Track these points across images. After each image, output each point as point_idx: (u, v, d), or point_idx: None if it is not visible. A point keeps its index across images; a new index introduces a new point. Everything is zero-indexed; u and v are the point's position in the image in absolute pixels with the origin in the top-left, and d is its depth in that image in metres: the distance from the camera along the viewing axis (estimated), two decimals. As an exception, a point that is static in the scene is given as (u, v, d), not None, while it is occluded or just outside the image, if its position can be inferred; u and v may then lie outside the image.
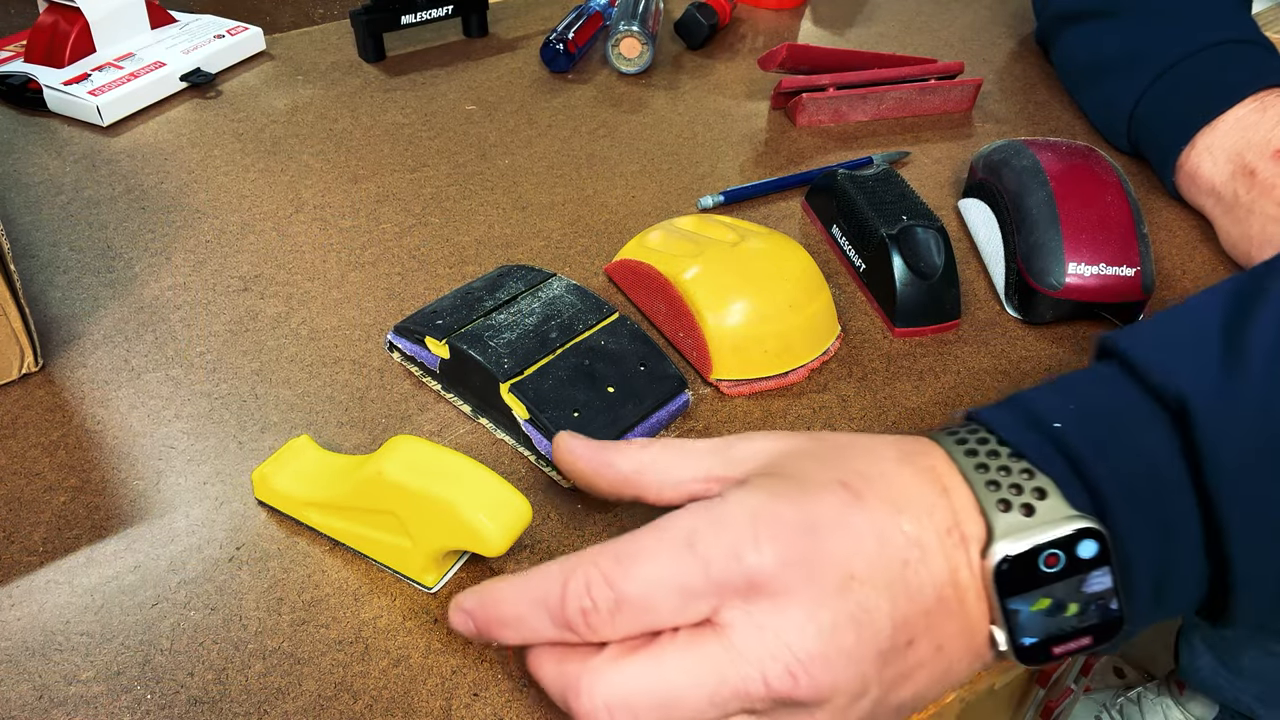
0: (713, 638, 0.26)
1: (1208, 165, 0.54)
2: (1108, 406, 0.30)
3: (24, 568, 0.35)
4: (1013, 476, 0.28)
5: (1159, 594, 0.29)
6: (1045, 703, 0.75)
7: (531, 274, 0.45)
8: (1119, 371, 0.31)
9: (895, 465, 0.29)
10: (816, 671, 0.25)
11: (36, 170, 0.57)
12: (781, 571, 0.26)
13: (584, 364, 0.40)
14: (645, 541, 0.27)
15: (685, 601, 0.26)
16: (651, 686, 0.25)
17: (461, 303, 0.43)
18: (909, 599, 0.27)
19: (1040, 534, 0.27)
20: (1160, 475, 0.29)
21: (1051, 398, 0.30)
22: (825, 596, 0.26)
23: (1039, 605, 0.28)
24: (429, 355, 0.42)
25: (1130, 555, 0.28)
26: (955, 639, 0.28)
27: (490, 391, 0.39)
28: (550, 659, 0.27)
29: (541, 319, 0.41)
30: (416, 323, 0.42)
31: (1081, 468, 0.28)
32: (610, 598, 0.26)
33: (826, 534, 0.27)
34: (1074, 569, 0.28)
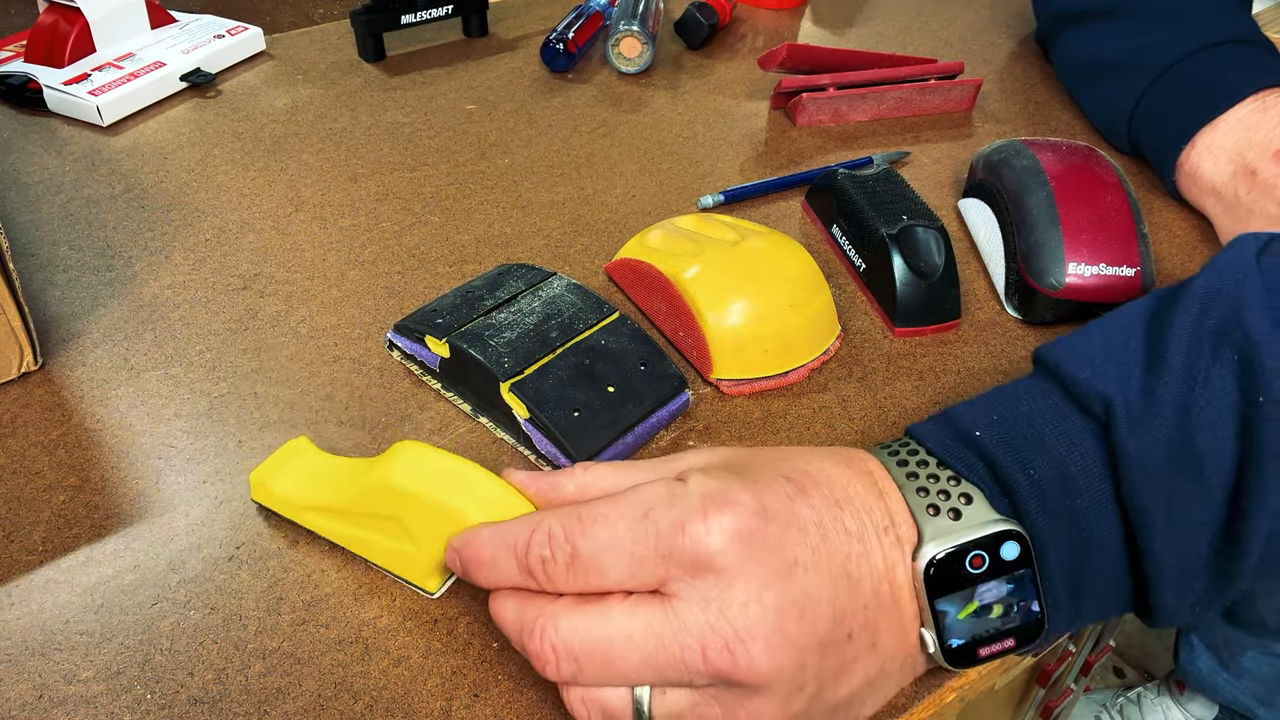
0: (657, 605, 0.27)
1: (1208, 165, 0.54)
2: (1028, 414, 0.31)
3: (24, 567, 0.35)
4: (940, 484, 0.30)
5: (1075, 595, 0.30)
6: (1045, 703, 0.75)
7: (532, 273, 0.44)
8: (1046, 380, 0.32)
9: (835, 466, 0.30)
10: (756, 652, 0.26)
11: (36, 170, 0.57)
12: (728, 550, 0.26)
13: (584, 363, 0.40)
14: (606, 507, 0.28)
15: (634, 567, 0.27)
16: (595, 638, 0.26)
17: (462, 301, 0.43)
18: (849, 591, 0.28)
19: (964, 535, 0.29)
20: (1074, 479, 0.29)
21: (977, 409, 0.32)
22: (770, 579, 0.27)
23: (967, 610, 0.29)
24: (429, 354, 0.42)
25: (1045, 556, 0.29)
26: (889, 636, 0.29)
27: (490, 390, 0.39)
28: (512, 601, 0.29)
29: (542, 318, 0.41)
30: (416, 321, 0.42)
31: (998, 473, 0.30)
32: (567, 551, 0.27)
33: (773, 520, 0.27)
34: (998, 570, 0.29)
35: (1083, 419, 0.30)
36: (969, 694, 0.33)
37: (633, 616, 0.27)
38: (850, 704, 0.29)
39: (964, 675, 0.33)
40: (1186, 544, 0.29)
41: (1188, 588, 0.29)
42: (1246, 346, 0.29)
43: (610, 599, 0.27)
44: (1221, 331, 0.30)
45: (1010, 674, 0.35)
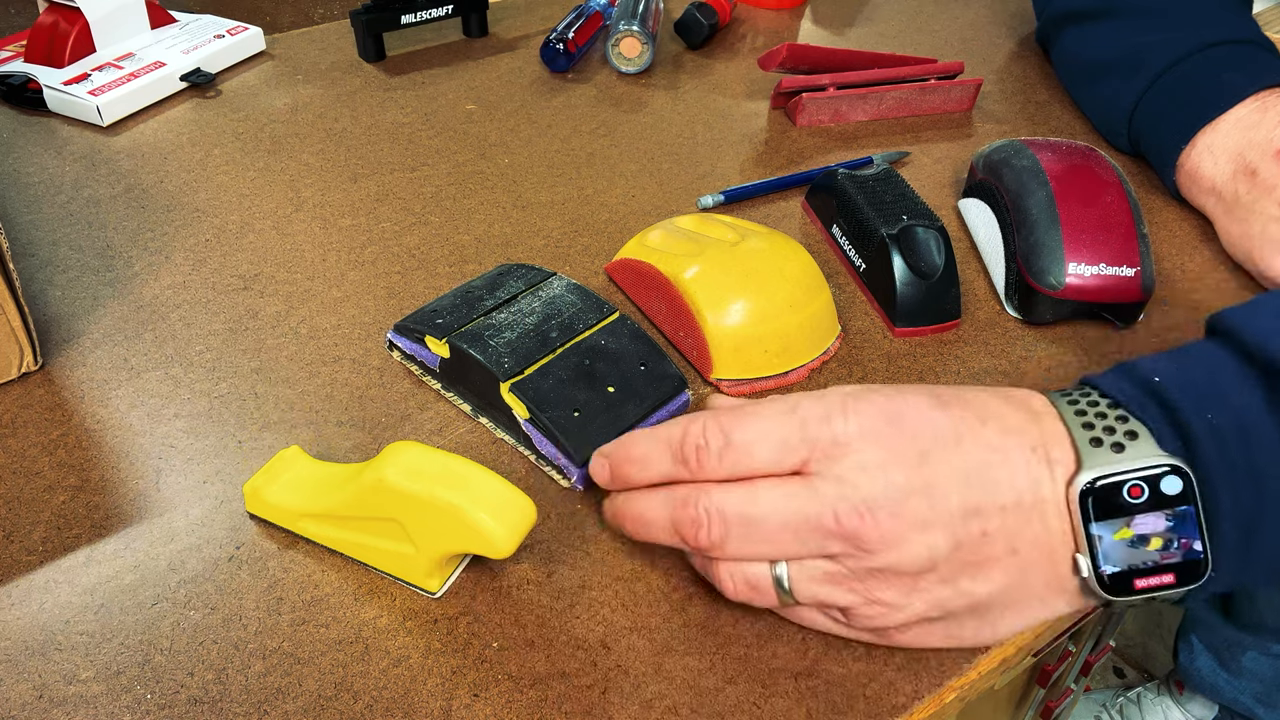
0: (799, 480, 0.30)
1: (1209, 165, 0.54)
2: (1206, 367, 0.32)
3: (24, 567, 0.35)
4: (1108, 420, 0.31)
5: (1248, 543, 0.30)
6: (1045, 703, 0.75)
7: (532, 273, 0.44)
8: (1219, 341, 0.33)
9: (992, 396, 0.32)
10: (883, 518, 0.29)
11: (36, 170, 0.57)
12: (862, 437, 0.30)
13: (584, 363, 0.40)
14: (759, 405, 0.32)
15: (780, 453, 0.30)
16: (743, 506, 0.30)
17: (462, 302, 0.43)
18: (983, 490, 0.30)
19: (1126, 465, 0.30)
20: (1252, 428, 0.30)
21: (1154, 360, 0.33)
22: (899, 463, 0.30)
23: (1121, 534, 0.30)
24: (429, 354, 0.42)
25: (1218, 498, 0.30)
26: (1031, 549, 0.30)
27: (490, 391, 0.39)
28: (663, 490, 0.32)
29: (542, 318, 0.41)
30: (416, 321, 0.42)
31: (1176, 415, 0.31)
32: (721, 440, 0.31)
33: (907, 418, 0.31)
34: (1158, 503, 0.30)
35: (1258, 375, 0.31)
36: (969, 694, 0.33)
37: (776, 489, 0.30)
38: (991, 606, 0.31)
39: (964, 675, 0.33)
40: None
41: None
42: None
43: (756, 479, 0.31)
44: None
45: (1010, 674, 0.35)
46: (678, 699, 0.31)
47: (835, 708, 0.31)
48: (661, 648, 0.33)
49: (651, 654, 0.33)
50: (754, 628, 0.34)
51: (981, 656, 0.33)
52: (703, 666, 0.32)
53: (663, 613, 0.34)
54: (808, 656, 0.33)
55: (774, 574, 0.31)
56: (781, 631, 0.34)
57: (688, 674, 0.32)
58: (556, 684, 0.32)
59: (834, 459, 0.30)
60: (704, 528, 0.30)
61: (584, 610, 0.34)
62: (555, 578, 0.35)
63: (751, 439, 0.31)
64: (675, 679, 0.32)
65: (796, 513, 0.30)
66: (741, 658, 0.33)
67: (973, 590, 0.30)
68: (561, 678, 0.32)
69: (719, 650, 0.33)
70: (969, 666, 0.33)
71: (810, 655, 0.33)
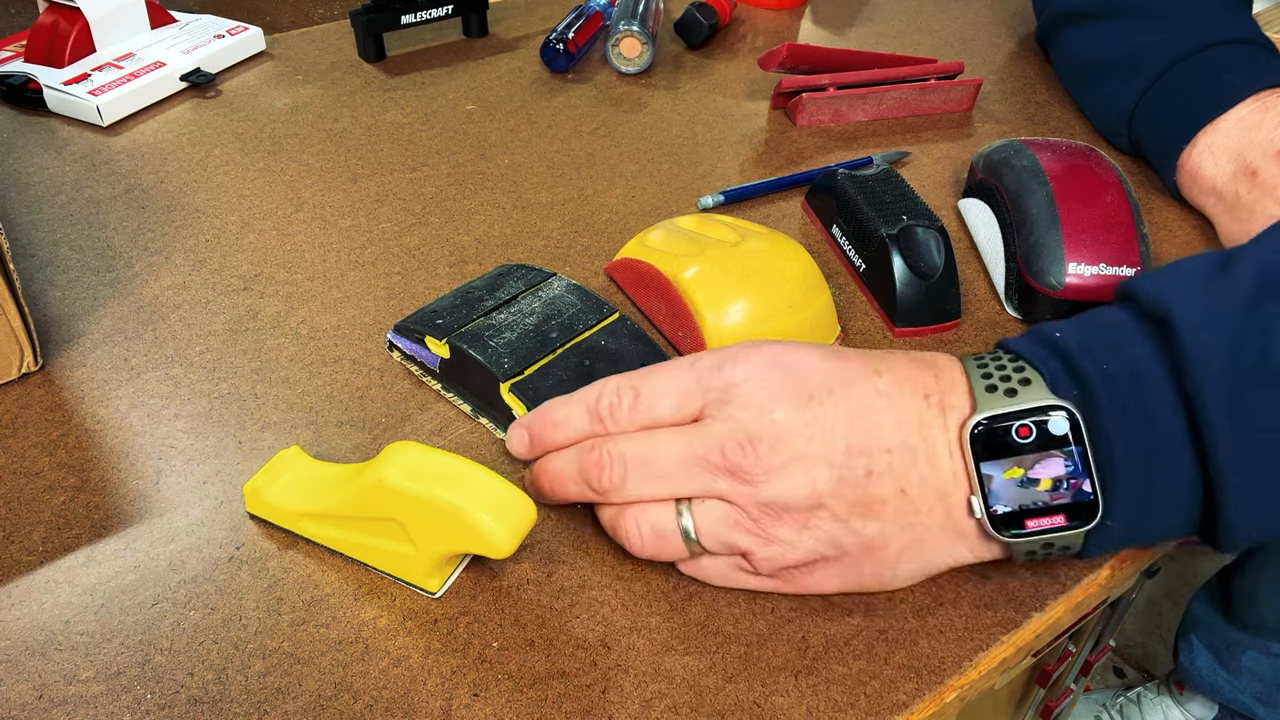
0: (694, 424, 0.33)
1: (1209, 165, 0.54)
2: (1106, 325, 0.34)
3: (24, 567, 0.35)
4: (1006, 371, 0.33)
5: (1145, 486, 0.32)
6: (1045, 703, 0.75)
7: (532, 273, 0.44)
8: (1125, 304, 0.34)
9: (895, 353, 0.34)
10: (763, 450, 0.31)
11: (36, 170, 0.57)
12: (749, 380, 0.32)
13: (584, 364, 0.40)
14: (665, 363, 0.35)
15: (681, 400, 0.33)
16: (641, 448, 0.33)
17: (461, 302, 0.43)
18: (867, 432, 0.32)
19: (1015, 406, 0.31)
20: (1144, 376, 0.32)
21: (1061, 323, 0.34)
22: (783, 401, 0.32)
23: (1011, 473, 0.31)
24: (429, 354, 0.42)
25: (1109, 440, 0.31)
26: (921, 489, 0.32)
27: (490, 391, 0.39)
28: (575, 445, 0.35)
29: (542, 319, 0.41)
30: (416, 322, 0.42)
31: (1071, 364, 0.32)
32: (631, 395, 0.33)
33: (797, 366, 0.33)
34: (1045, 443, 0.31)
35: (1151, 327, 0.32)
36: (969, 694, 0.33)
37: (673, 433, 0.33)
38: (886, 547, 0.32)
39: (964, 675, 0.33)
40: (1259, 459, 0.30)
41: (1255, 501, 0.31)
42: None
43: (661, 428, 0.33)
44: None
45: (1010, 674, 0.35)
46: (678, 698, 0.31)
47: (835, 706, 0.31)
48: (661, 647, 0.33)
49: (651, 654, 0.33)
50: (754, 627, 0.34)
51: (981, 656, 0.33)
52: (703, 666, 0.32)
53: (663, 613, 0.34)
54: (808, 655, 0.33)
55: (680, 523, 0.32)
56: (782, 630, 0.34)
57: (688, 673, 0.32)
58: (556, 684, 0.32)
59: (725, 402, 0.32)
60: (606, 469, 0.33)
61: (584, 610, 0.34)
62: (555, 578, 0.35)
63: (657, 392, 0.33)
64: (675, 678, 0.32)
65: (687, 448, 0.32)
66: (741, 657, 0.33)
67: (864, 529, 0.32)
68: (561, 677, 0.32)
69: (719, 649, 0.33)
70: (969, 666, 0.33)
71: (810, 654, 0.33)
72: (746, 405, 0.32)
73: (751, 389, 0.32)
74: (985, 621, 0.34)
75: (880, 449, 0.32)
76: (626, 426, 0.34)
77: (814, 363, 0.33)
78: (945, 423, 0.32)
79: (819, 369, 0.33)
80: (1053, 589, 0.35)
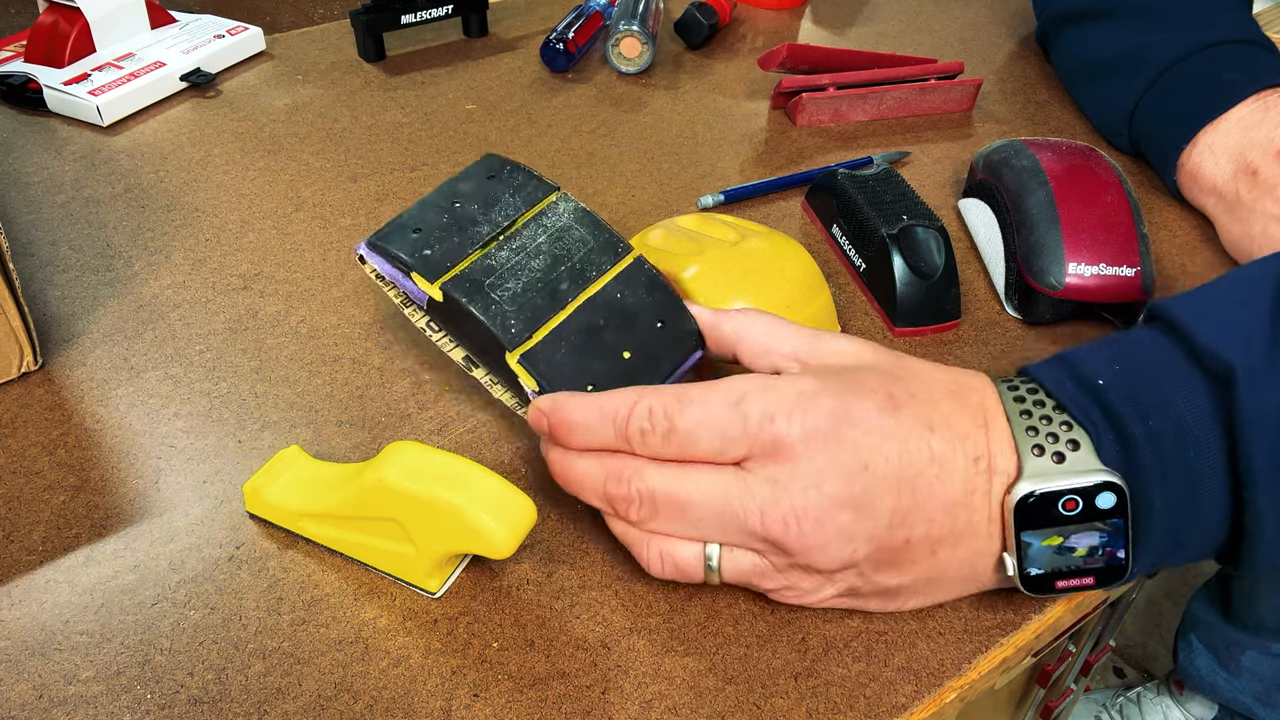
0: (734, 473, 0.31)
1: (1209, 164, 0.54)
2: (1149, 367, 0.32)
3: (23, 567, 0.35)
4: (1052, 426, 0.31)
5: (1176, 543, 0.32)
6: (1045, 703, 0.75)
7: (530, 184, 0.38)
8: (1164, 335, 0.33)
9: (944, 393, 0.32)
10: (808, 528, 0.30)
11: (36, 170, 0.57)
12: (804, 442, 0.30)
13: (598, 324, 0.36)
14: (705, 392, 0.31)
15: (723, 444, 0.31)
16: (674, 489, 0.31)
17: (450, 220, 0.37)
18: (914, 503, 0.30)
19: (1065, 480, 0.30)
20: (1189, 432, 0.30)
21: (1097, 357, 0.33)
22: (834, 474, 0.30)
23: (1050, 541, 0.31)
24: (415, 290, 0.36)
25: (1150, 502, 0.31)
26: (953, 551, 0.31)
27: (493, 352, 0.35)
28: (594, 457, 0.33)
29: (550, 261, 0.36)
30: (398, 244, 0.36)
31: (1117, 422, 0.31)
32: (666, 426, 0.31)
33: (854, 427, 0.30)
34: (1090, 516, 0.30)
35: (1202, 376, 0.31)
36: (969, 694, 0.33)
37: (711, 477, 0.31)
38: (899, 593, 0.32)
39: (964, 675, 0.33)
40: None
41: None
42: None
43: (693, 465, 0.31)
44: None
45: (1010, 674, 0.35)
46: (678, 699, 0.31)
47: (835, 708, 0.31)
48: (661, 648, 0.33)
49: (651, 654, 0.33)
50: (754, 628, 0.34)
51: (981, 657, 0.33)
52: (703, 667, 0.32)
53: (663, 613, 0.34)
54: (808, 657, 0.33)
55: (705, 557, 0.32)
56: (781, 632, 0.34)
57: (688, 674, 0.32)
58: (556, 684, 0.32)
59: (774, 460, 0.30)
60: (635, 504, 0.31)
61: (584, 610, 0.34)
62: (555, 578, 0.35)
63: (694, 427, 0.31)
64: (675, 679, 0.32)
65: (725, 506, 0.30)
66: (741, 658, 0.33)
67: (886, 581, 0.32)
68: (561, 678, 0.32)
69: (719, 650, 0.33)
70: (969, 666, 0.33)
71: (810, 655, 0.33)
72: (796, 472, 0.30)
73: (804, 453, 0.30)
74: (985, 623, 0.34)
75: (923, 519, 0.31)
76: (657, 454, 0.32)
77: (871, 420, 0.31)
78: (990, 489, 0.31)
79: (876, 429, 0.30)
80: (1053, 589, 0.35)
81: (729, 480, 0.31)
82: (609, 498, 0.32)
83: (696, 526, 0.31)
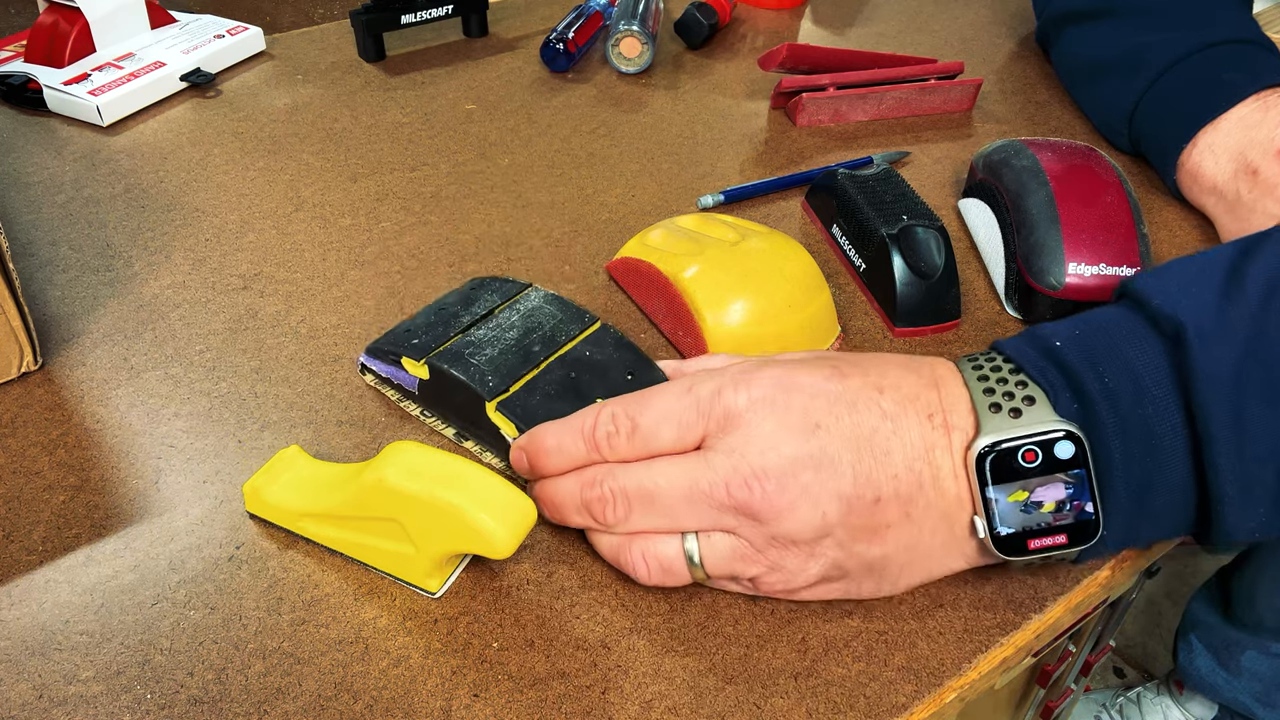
0: (695, 455, 0.32)
1: (1209, 164, 0.54)
2: (1107, 330, 0.33)
3: (23, 567, 0.35)
4: (1008, 386, 0.32)
5: (1141, 500, 0.32)
6: (1045, 703, 0.75)
7: (507, 285, 0.43)
8: (1126, 306, 0.34)
9: (895, 365, 0.33)
10: (771, 488, 0.30)
11: (36, 170, 0.57)
12: (753, 409, 0.31)
13: (570, 376, 0.39)
14: (661, 388, 0.34)
15: (681, 430, 0.32)
16: (643, 482, 0.32)
17: (436, 320, 0.41)
18: (874, 459, 0.31)
19: (1021, 430, 0.31)
20: (1147, 390, 0.31)
21: (1059, 326, 0.34)
22: (789, 434, 0.31)
23: (1015, 496, 0.31)
24: (406, 376, 0.40)
25: (1110, 456, 0.31)
26: (926, 512, 0.32)
27: (475, 411, 0.38)
28: (576, 473, 0.34)
29: (522, 332, 0.40)
30: (390, 343, 0.41)
31: (1074, 379, 0.32)
32: (629, 425, 0.33)
33: (800, 390, 0.32)
34: (1051, 467, 0.31)
35: (1157, 338, 0.32)
36: (969, 694, 0.33)
37: (674, 465, 0.32)
38: (887, 566, 0.33)
39: (964, 675, 0.33)
40: (1254, 466, 0.30)
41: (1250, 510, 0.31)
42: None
43: (658, 458, 0.32)
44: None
45: (1010, 674, 0.35)
46: (678, 699, 0.31)
47: (835, 708, 0.31)
48: (661, 648, 0.33)
49: (651, 654, 0.33)
50: (754, 628, 0.34)
51: (981, 657, 0.33)
52: (703, 666, 0.32)
53: (662, 613, 0.34)
54: (807, 656, 0.33)
55: (685, 554, 0.32)
56: (781, 632, 0.34)
57: (688, 674, 0.32)
58: (556, 684, 0.32)
59: (727, 431, 0.31)
60: (609, 504, 0.32)
61: (584, 610, 0.34)
62: (555, 578, 0.35)
63: (655, 421, 0.32)
64: (675, 679, 0.32)
65: (692, 485, 0.31)
66: (741, 658, 0.33)
67: (868, 552, 0.32)
68: (561, 678, 0.32)
69: (719, 650, 0.33)
70: (969, 666, 0.33)
71: (810, 655, 0.33)
72: (750, 437, 0.31)
73: (754, 418, 0.31)
74: (985, 623, 0.34)
75: (887, 476, 0.31)
76: (625, 456, 0.33)
77: (817, 385, 0.32)
78: (950, 444, 0.32)
79: (822, 392, 0.32)
80: (1052, 590, 0.35)
81: (691, 462, 0.32)
82: (586, 504, 0.33)
83: (670, 515, 0.32)
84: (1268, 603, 0.81)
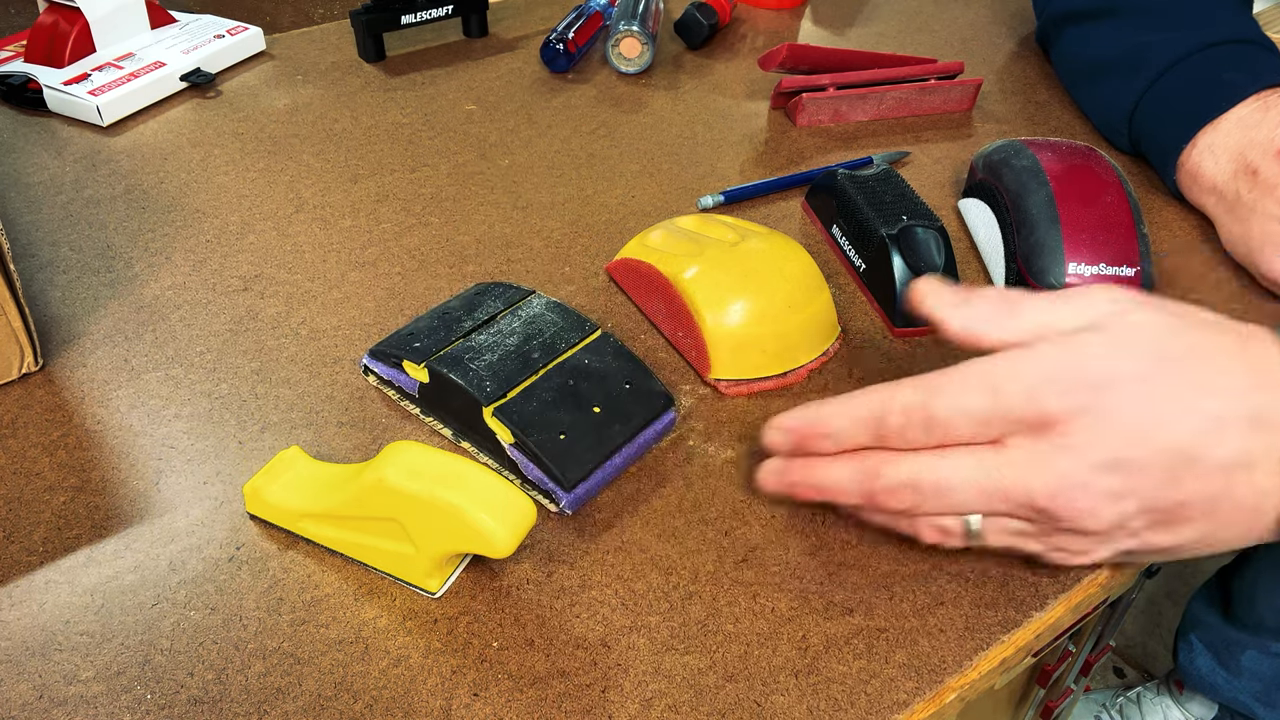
0: (994, 450, 0.31)
1: (1209, 164, 0.54)
2: None
3: (24, 567, 0.35)
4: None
5: None
6: (1045, 702, 0.75)
7: (510, 291, 0.44)
8: None
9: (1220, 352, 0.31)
10: (1076, 495, 0.30)
11: (36, 170, 0.57)
12: (1069, 418, 0.30)
13: (568, 384, 0.39)
14: (955, 378, 0.32)
15: (980, 428, 0.31)
16: (936, 473, 0.31)
17: (439, 324, 0.41)
18: (1186, 468, 0.30)
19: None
20: None
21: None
22: (1101, 442, 0.30)
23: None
24: (407, 379, 0.41)
25: None
26: (1232, 512, 0.31)
27: (472, 415, 0.38)
28: (853, 458, 0.33)
29: (523, 339, 0.40)
30: (392, 346, 0.41)
31: None
32: (924, 418, 0.31)
33: (1116, 395, 0.30)
34: None
35: None
36: (969, 693, 0.33)
37: (970, 456, 0.31)
38: (1173, 550, 0.32)
39: (964, 674, 0.33)
40: None
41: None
42: None
43: (950, 448, 0.32)
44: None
45: (1010, 674, 0.35)
46: (678, 698, 0.31)
47: (836, 706, 0.31)
48: (661, 647, 0.33)
49: (651, 653, 0.33)
50: (754, 626, 0.34)
51: (981, 656, 0.33)
52: (703, 665, 0.32)
53: (662, 612, 0.34)
54: (808, 654, 0.33)
55: (965, 524, 0.32)
56: (782, 630, 0.34)
57: (688, 672, 0.32)
58: (556, 683, 0.32)
59: (1034, 436, 0.30)
60: (899, 495, 0.32)
61: (584, 610, 0.34)
62: (555, 578, 0.35)
63: (952, 417, 0.31)
64: (675, 678, 0.32)
65: (989, 483, 0.31)
66: (742, 655, 0.33)
67: (1159, 541, 0.31)
68: (561, 677, 0.32)
69: (719, 649, 0.33)
70: (969, 666, 0.33)
71: (811, 653, 0.33)
72: (1064, 446, 0.30)
73: (1070, 428, 0.30)
74: (985, 621, 0.34)
75: (1196, 479, 0.30)
76: (917, 446, 0.32)
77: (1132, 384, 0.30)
78: (1269, 447, 0.30)
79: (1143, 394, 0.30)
80: (1053, 588, 0.35)
81: (988, 457, 0.31)
82: (870, 494, 0.33)
83: (963, 506, 0.32)
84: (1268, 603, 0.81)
